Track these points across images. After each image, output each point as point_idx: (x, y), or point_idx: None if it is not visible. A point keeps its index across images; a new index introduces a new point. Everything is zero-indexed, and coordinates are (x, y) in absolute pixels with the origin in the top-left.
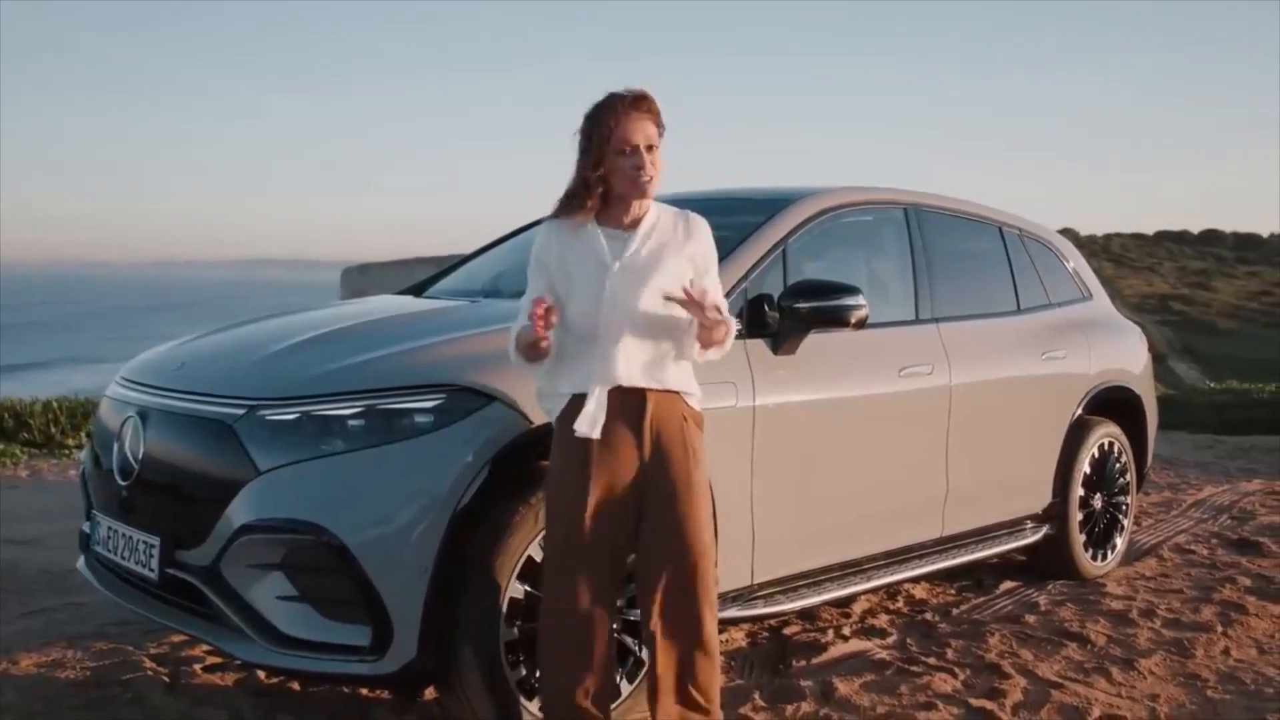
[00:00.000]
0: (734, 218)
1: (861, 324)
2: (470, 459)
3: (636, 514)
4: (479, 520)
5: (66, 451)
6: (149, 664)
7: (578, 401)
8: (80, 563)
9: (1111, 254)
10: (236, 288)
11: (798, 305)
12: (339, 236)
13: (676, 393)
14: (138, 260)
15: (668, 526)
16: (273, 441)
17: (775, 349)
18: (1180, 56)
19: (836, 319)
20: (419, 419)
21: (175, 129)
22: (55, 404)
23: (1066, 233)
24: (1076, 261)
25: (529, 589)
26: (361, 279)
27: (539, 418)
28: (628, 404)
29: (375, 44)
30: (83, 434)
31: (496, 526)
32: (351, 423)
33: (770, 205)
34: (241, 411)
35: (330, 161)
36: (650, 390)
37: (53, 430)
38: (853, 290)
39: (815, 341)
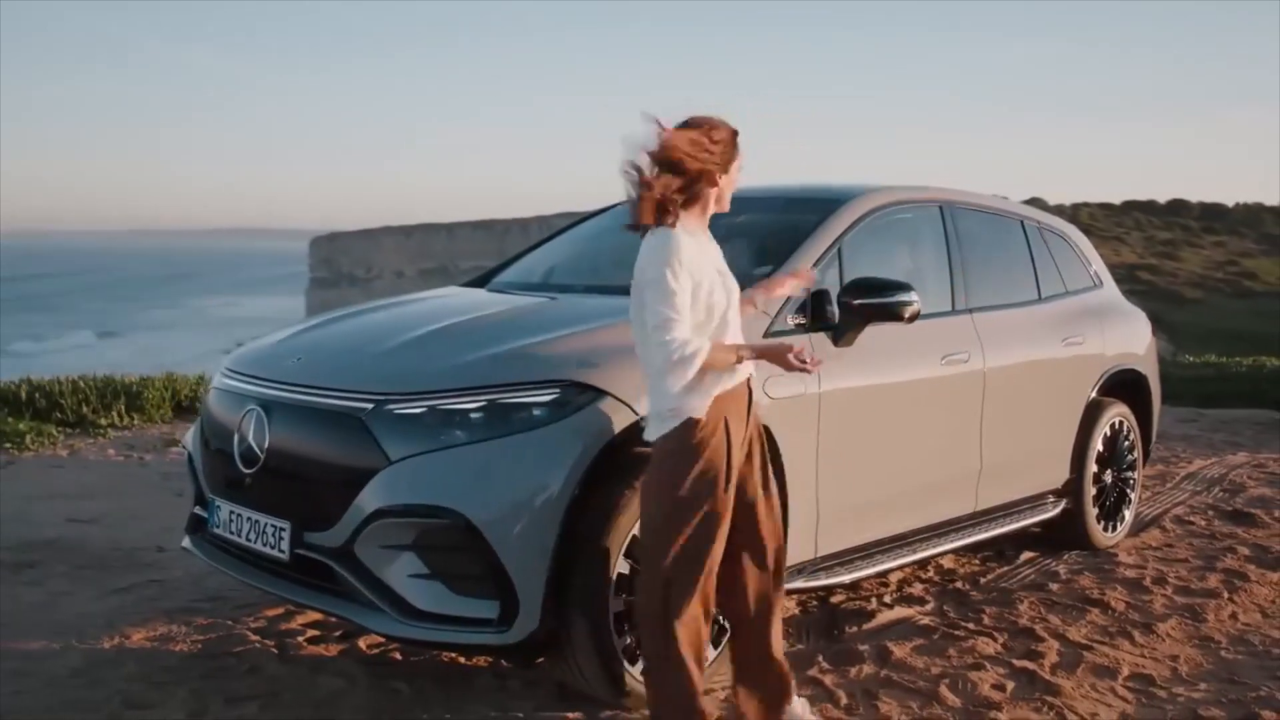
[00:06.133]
0: (789, 216)
1: (914, 318)
2: (584, 448)
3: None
4: (590, 503)
5: (101, 431)
6: (253, 637)
7: (723, 400)
8: (186, 541)
9: (1080, 224)
10: (212, 256)
11: (857, 302)
12: (304, 204)
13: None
14: (111, 229)
15: (764, 509)
16: (402, 433)
17: (836, 341)
18: (1149, 26)
19: (892, 314)
20: (536, 412)
21: (134, 98)
22: (84, 383)
23: (1035, 202)
24: (1089, 251)
25: (634, 563)
26: (330, 247)
27: (645, 409)
28: (747, 396)
29: (344, 14)
30: (114, 413)
31: (606, 508)
32: (474, 415)
33: (824, 205)
34: (370, 405)
35: (295, 129)
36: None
37: (85, 409)
38: (906, 287)
39: (868, 331)
